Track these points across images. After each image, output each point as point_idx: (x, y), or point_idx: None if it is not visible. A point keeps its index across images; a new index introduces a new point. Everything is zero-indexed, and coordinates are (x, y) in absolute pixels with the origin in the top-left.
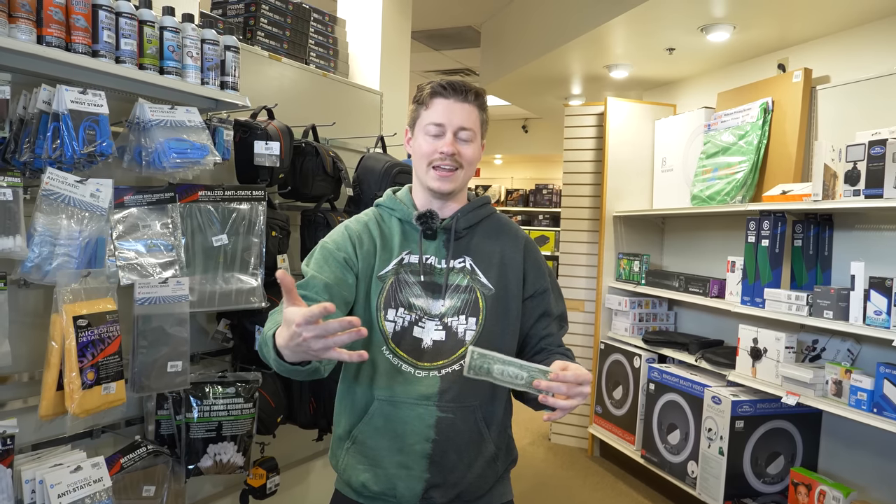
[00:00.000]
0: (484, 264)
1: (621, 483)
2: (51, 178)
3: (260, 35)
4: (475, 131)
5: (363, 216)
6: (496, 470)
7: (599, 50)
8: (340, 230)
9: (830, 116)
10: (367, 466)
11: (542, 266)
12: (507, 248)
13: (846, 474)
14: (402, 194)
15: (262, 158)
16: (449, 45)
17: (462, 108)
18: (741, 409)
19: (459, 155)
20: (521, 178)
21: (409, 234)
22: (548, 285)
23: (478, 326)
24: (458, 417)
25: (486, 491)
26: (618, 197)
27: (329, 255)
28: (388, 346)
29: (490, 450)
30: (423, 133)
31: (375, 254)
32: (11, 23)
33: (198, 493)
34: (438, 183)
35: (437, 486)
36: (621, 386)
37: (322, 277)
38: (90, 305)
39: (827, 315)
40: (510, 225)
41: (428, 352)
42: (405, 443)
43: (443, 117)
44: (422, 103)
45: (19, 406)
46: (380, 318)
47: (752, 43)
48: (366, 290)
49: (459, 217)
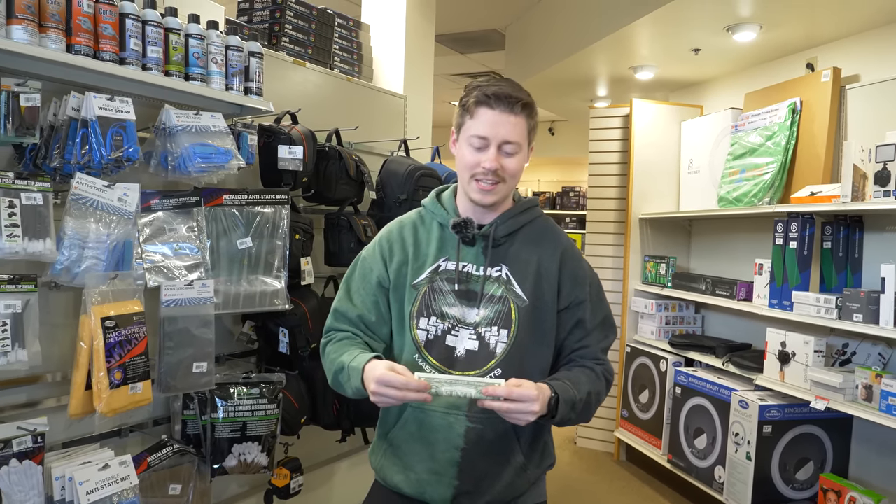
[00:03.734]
0: (520, 274)
1: (647, 488)
2: (80, 182)
3: (285, 41)
4: (521, 143)
5: (405, 218)
6: (526, 478)
7: (624, 51)
8: (375, 243)
9: (860, 116)
10: (401, 469)
11: (581, 275)
12: (544, 256)
13: (877, 481)
14: (445, 197)
15: (285, 162)
16: (473, 49)
17: (508, 120)
18: (769, 414)
19: (503, 169)
20: (547, 180)
21: (448, 240)
22: (585, 296)
23: (509, 339)
24: (486, 428)
25: (515, 496)
26: (644, 199)
27: (365, 277)
28: (421, 354)
29: (519, 459)
30: (467, 143)
31: (407, 263)
32: (42, 32)
33: (223, 493)
34: (480, 195)
35: (466, 493)
36: (647, 390)
37: (354, 308)
38: (118, 307)
39: (857, 318)
40: (552, 231)
41: (460, 361)
42: (436, 450)
43: (487, 130)
44: (467, 110)
45: (51, 405)
46: (412, 326)
47: (780, 42)
48: (399, 300)
49: (499, 224)
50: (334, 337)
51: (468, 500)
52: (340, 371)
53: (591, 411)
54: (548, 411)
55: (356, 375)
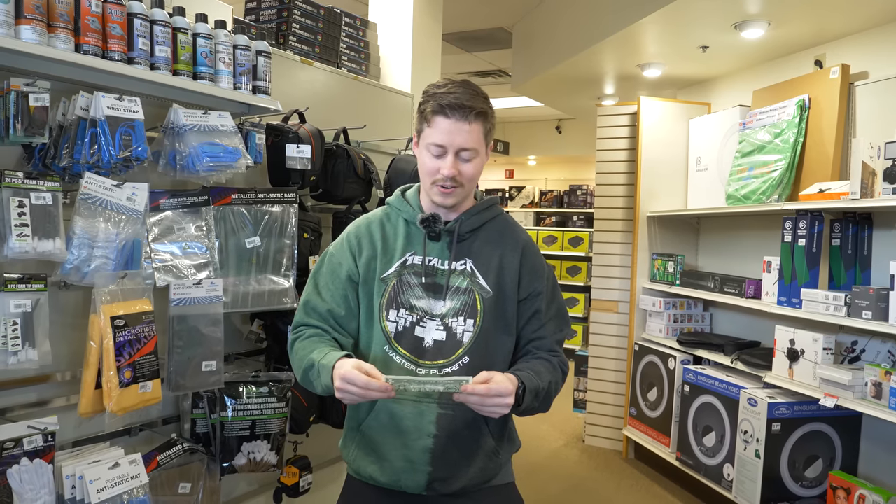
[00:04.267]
0: (484, 267)
1: (656, 486)
2: (89, 182)
3: (292, 40)
4: (477, 149)
5: (371, 215)
6: (497, 462)
7: (632, 49)
8: (342, 240)
9: (869, 113)
10: (374, 459)
11: (539, 269)
12: (506, 251)
13: (887, 478)
14: (410, 195)
15: (293, 161)
16: (480, 47)
17: (462, 129)
18: (778, 412)
19: (460, 175)
20: (555, 178)
21: (414, 235)
22: (542, 288)
23: (475, 328)
24: (457, 414)
25: (487, 480)
26: (651, 197)
27: (333, 272)
28: (391, 345)
29: (490, 444)
30: (426, 150)
31: (376, 258)
32: (51, 32)
33: (233, 491)
34: (441, 198)
35: (440, 479)
36: (656, 388)
37: (324, 302)
38: (127, 306)
39: (866, 315)
40: (513, 227)
41: (429, 351)
42: (408, 438)
43: (444, 139)
44: (424, 118)
45: (61, 404)
46: (382, 318)
47: (788, 39)
48: (368, 293)
49: (463, 220)
50: (303, 333)
51: (442, 486)
52: (310, 368)
53: (550, 400)
54: (514, 399)
55: (326, 373)
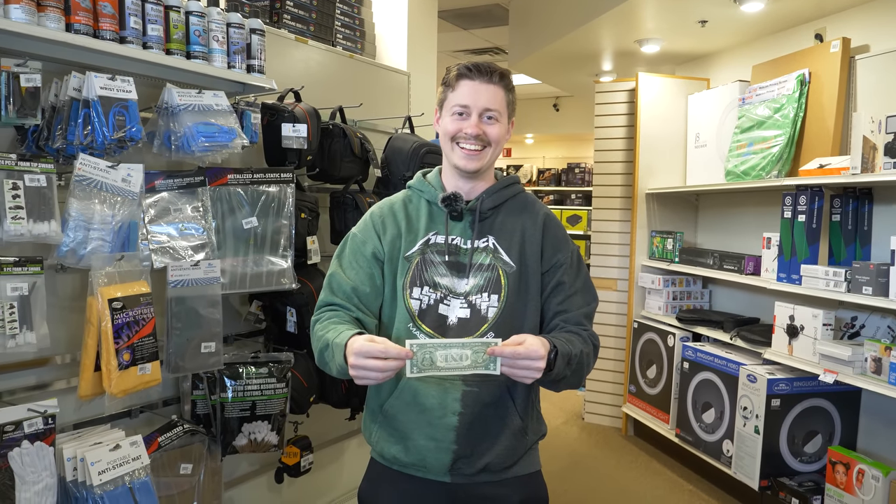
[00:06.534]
0: (506, 242)
1: (655, 462)
2: (83, 163)
3: (286, 18)
4: (501, 111)
5: (393, 198)
6: (524, 443)
7: (630, 24)
8: (366, 220)
9: (870, 87)
10: (398, 439)
11: (562, 240)
12: (528, 224)
13: (886, 453)
14: (431, 176)
15: (289, 141)
16: (477, 24)
17: (487, 89)
18: (777, 388)
19: (485, 134)
20: (552, 157)
21: (436, 216)
22: (565, 259)
23: (500, 303)
24: (483, 391)
25: (513, 462)
26: (650, 174)
27: (357, 251)
28: (415, 323)
29: (516, 422)
30: (450, 114)
31: (401, 236)
32: (40, 11)
33: (234, 472)
34: (465, 161)
35: (464, 457)
36: (655, 365)
37: (349, 280)
38: (124, 288)
39: (866, 291)
40: (534, 203)
41: (453, 328)
42: (433, 416)
43: (468, 98)
44: (448, 85)
45: (61, 387)
46: (405, 296)
47: (788, 13)
48: (392, 271)
49: (485, 198)
50: (323, 315)
51: (467, 464)
52: (325, 349)
53: (583, 374)
54: (545, 364)
55: (339, 352)
